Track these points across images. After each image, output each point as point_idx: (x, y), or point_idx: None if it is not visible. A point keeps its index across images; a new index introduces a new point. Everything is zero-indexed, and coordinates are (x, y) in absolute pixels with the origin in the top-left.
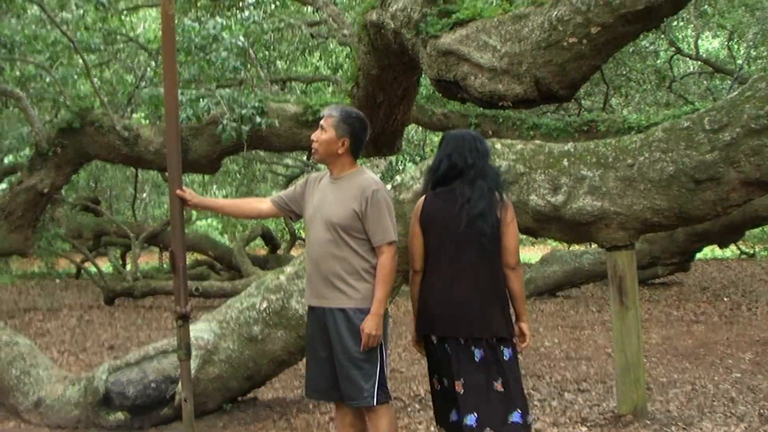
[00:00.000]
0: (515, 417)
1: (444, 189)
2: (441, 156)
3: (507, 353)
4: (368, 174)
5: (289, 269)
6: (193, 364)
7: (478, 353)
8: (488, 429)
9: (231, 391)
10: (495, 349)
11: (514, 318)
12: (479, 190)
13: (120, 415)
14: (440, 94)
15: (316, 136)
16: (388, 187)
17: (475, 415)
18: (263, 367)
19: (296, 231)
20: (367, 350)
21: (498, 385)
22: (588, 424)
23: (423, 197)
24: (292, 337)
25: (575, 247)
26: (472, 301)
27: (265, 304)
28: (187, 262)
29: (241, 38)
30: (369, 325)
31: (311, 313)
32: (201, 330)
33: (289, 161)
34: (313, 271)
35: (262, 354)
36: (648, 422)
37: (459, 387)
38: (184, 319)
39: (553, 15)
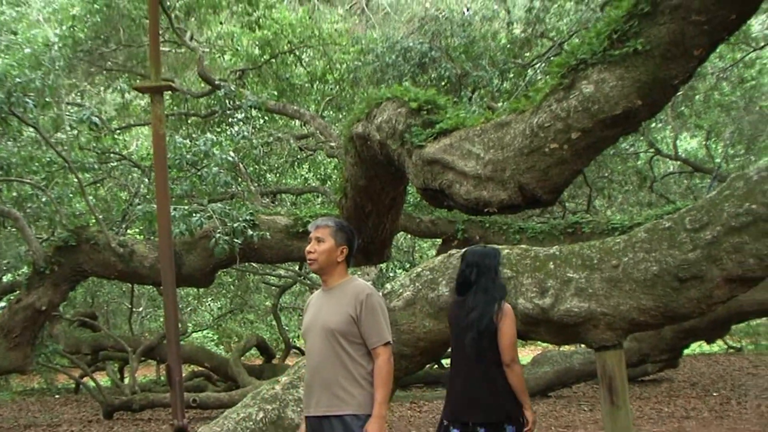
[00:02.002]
0: None
1: (461, 298)
2: (459, 270)
3: (510, 430)
4: (360, 281)
5: (284, 379)
6: None
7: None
8: None
9: None
10: (498, 427)
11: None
12: (479, 302)
13: None
14: (427, 202)
15: (313, 247)
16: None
17: None
18: None
19: (291, 340)
20: None
21: None
22: None
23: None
24: None
25: (565, 348)
26: (475, 391)
27: (261, 414)
28: (184, 374)
29: (232, 153)
30: (373, 427)
31: (308, 423)
32: None
33: (281, 271)
34: (311, 379)
35: None
36: None
37: None
38: None
39: (534, 122)
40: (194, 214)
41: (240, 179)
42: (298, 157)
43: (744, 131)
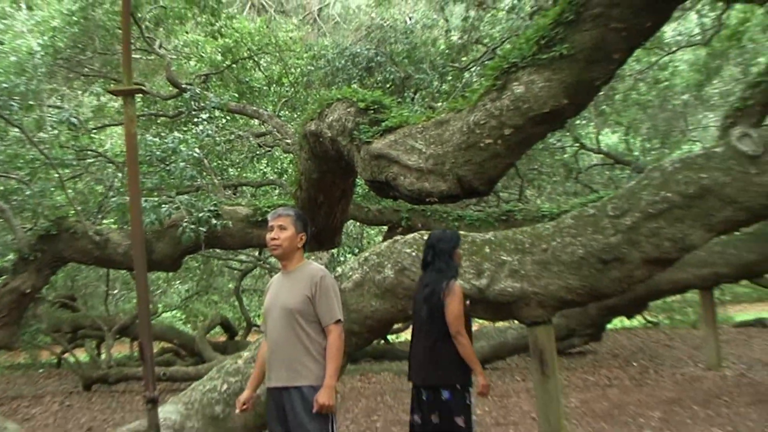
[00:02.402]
0: None
1: (422, 275)
2: (423, 250)
3: (445, 394)
4: (315, 264)
5: (246, 354)
6: None
7: (425, 394)
8: None
9: None
10: (437, 391)
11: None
12: (432, 280)
13: None
14: (374, 193)
15: (277, 234)
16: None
17: None
18: None
19: (251, 319)
20: (320, 424)
21: (434, 417)
22: None
23: None
24: (251, 415)
25: (500, 324)
26: (421, 358)
27: (225, 386)
28: (154, 351)
29: (197, 150)
30: (322, 396)
31: (269, 394)
32: (169, 411)
33: (242, 257)
34: (272, 354)
35: (224, 431)
36: None
37: (417, 419)
38: (153, 403)
39: (471, 120)
40: (163, 206)
41: (204, 173)
42: (257, 152)
43: (659, 127)
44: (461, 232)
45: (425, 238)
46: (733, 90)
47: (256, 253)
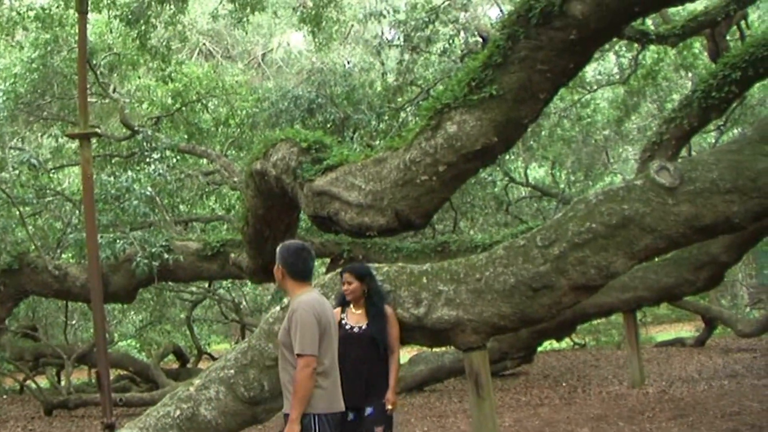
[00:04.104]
0: None
1: None
2: None
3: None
4: (301, 297)
5: (197, 381)
6: None
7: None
8: None
9: None
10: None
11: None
12: None
13: None
14: (317, 227)
15: None
16: (277, 308)
17: None
18: None
19: (202, 347)
20: None
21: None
22: None
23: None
24: None
25: (437, 349)
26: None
27: (178, 412)
28: (111, 378)
29: (149, 188)
30: (287, 429)
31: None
32: None
33: (193, 288)
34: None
35: None
36: None
37: None
38: (110, 428)
39: (407, 158)
40: (118, 241)
41: (157, 210)
42: (206, 190)
43: (582, 161)
44: (400, 264)
45: None
46: (650, 125)
47: (206, 285)
